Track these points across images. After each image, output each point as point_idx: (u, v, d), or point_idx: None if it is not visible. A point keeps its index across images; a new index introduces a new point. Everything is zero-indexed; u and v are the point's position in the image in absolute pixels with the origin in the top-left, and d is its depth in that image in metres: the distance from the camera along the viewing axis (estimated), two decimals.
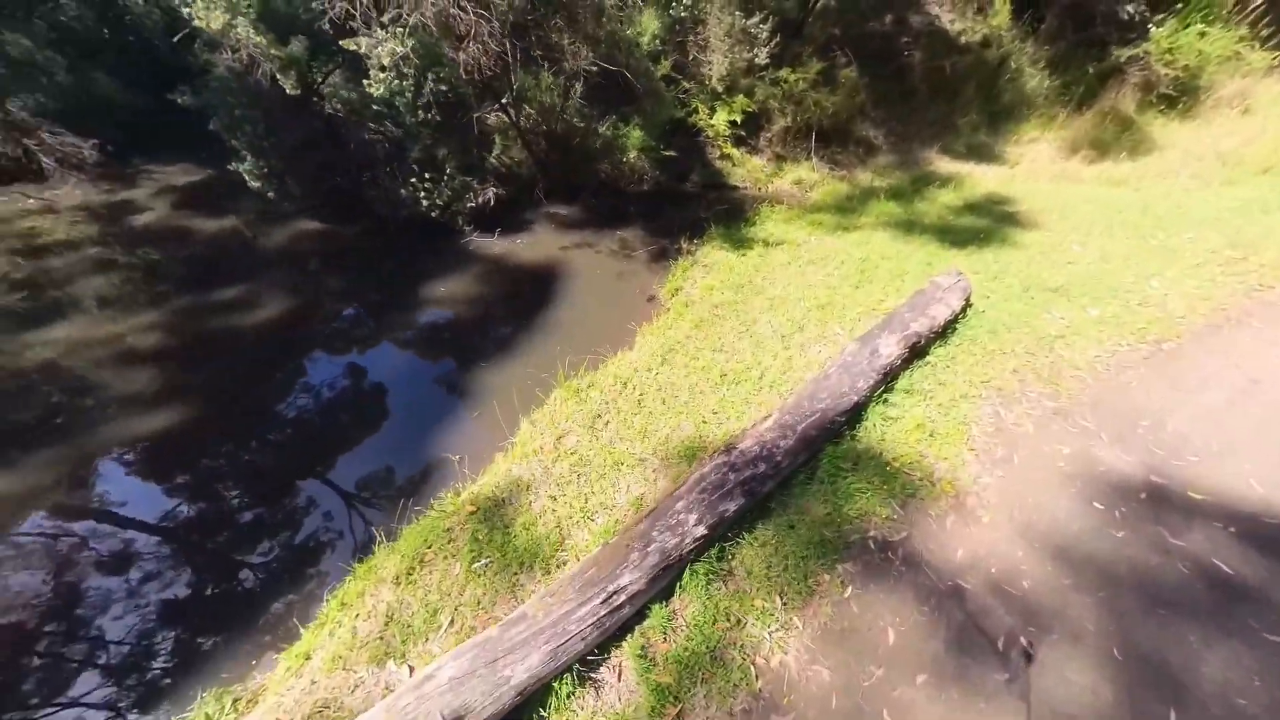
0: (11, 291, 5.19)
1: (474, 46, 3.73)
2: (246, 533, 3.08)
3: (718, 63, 5.77)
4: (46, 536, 3.11)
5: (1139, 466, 2.65)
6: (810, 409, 2.57)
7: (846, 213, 5.89)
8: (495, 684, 1.62)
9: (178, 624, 2.63)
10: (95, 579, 2.84)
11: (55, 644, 2.59)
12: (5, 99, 6.51)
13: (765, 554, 2.26)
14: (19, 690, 2.37)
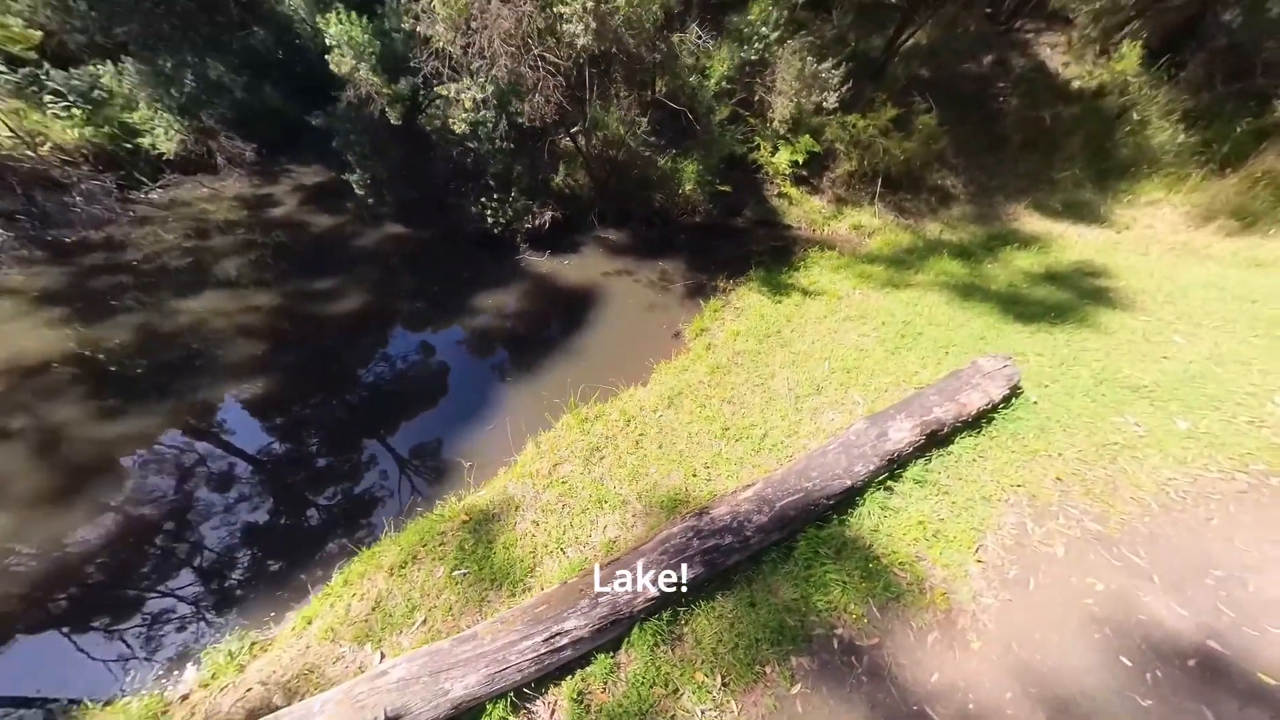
0: (182, 258, 6.56)
1: (539, 97, 4.16)
2: (313, 480, 3.66)
3: (782, 104, 5.75)
4: (178, 450, 3.94)
5: (1196, 626, 2.23)
6: (795, 486, 2.50)
7: (902, 267, 5.54)
8: (435, 694, 1.81)
9: (252, 546, 3.21)
10: (204, 490, 3.57)
11: (166, 538, 3.27)
12: (200, 110, 8.26)
13: (719, 627, 2.24)
14: (135, 568, 3.04)
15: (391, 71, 4.81)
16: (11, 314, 5.33)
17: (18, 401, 4.16)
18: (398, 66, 4.80)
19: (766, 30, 5.80)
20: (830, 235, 6.72)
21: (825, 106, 5.80)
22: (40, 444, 3.80)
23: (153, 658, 2.63)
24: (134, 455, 3.79)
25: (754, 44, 5.90)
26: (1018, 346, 3.95)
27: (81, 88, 7.34)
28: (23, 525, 3.23)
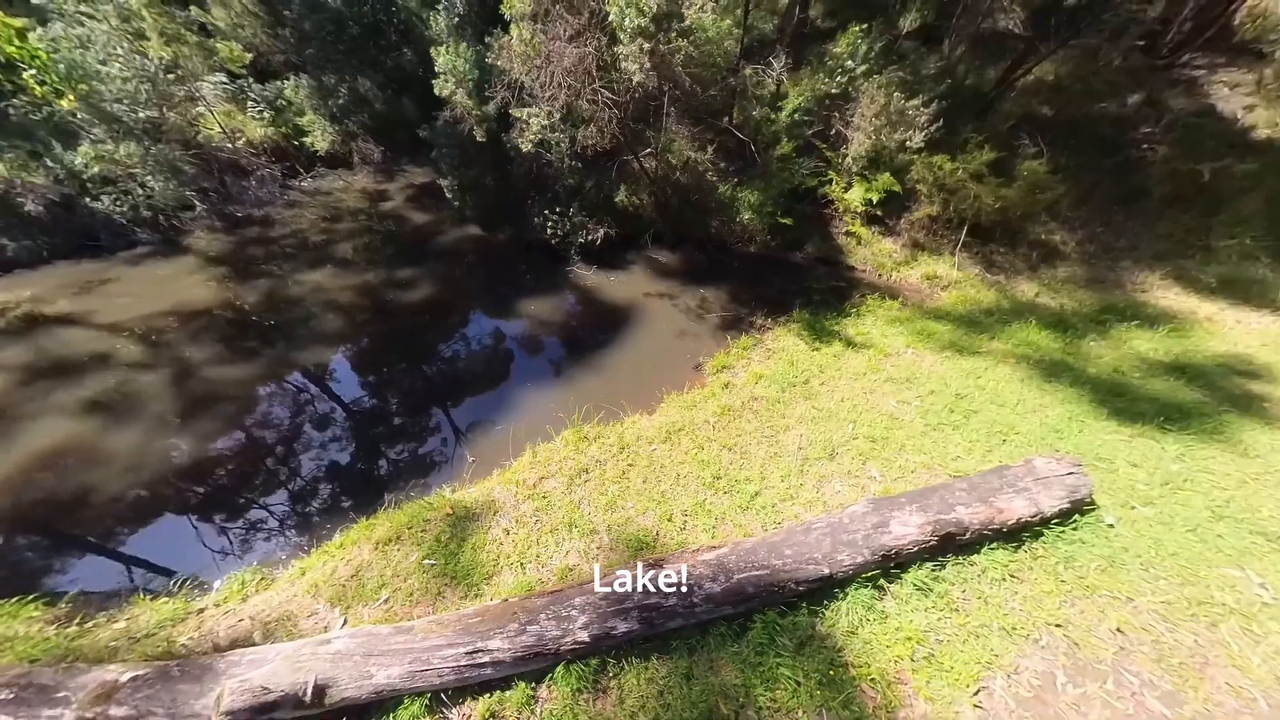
0: (316, 236, 7.95)
1: (593, 127, 4.40)
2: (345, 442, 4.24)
3: (859, 140, 5.38)
4: (295, 388, 4.88)
5: None
6: (762, 560, 2.30)
7: (974, 329, 4.84)
8: (360, 675, 1.96)
9: (329, 480, 3.85)
10: (309, 426, 4.40)
11: (273, 459, 4.01)
12: (347, 118, 9.99)
13: (647, 691, 2.12)
14: (250, 481, 3.80)
15: (482, 95, 5.43)
16: (189, 269, 6.86)
17: (179, 336, 5.35)
18: (487, 92, 5.42)
19: (853, 64, 5.51)
20: (897, 283, 6.09)
21: (909, 145, 5.31)
22: (183, 371, 4.84)
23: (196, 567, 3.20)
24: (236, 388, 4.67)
25: (837, 77, 5.63)
26: (1105, 451, 3.23)
27: (270, 97, 9.32)
28: (151, 430, 4.13)
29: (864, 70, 5.46)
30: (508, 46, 4.33)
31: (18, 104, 6.84)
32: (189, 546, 3.40)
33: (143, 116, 7.60)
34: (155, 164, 7.48)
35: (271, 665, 1.94)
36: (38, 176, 6.92)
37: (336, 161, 10.82)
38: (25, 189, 6.70)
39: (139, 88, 7.48)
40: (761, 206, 6.58)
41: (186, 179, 7.85)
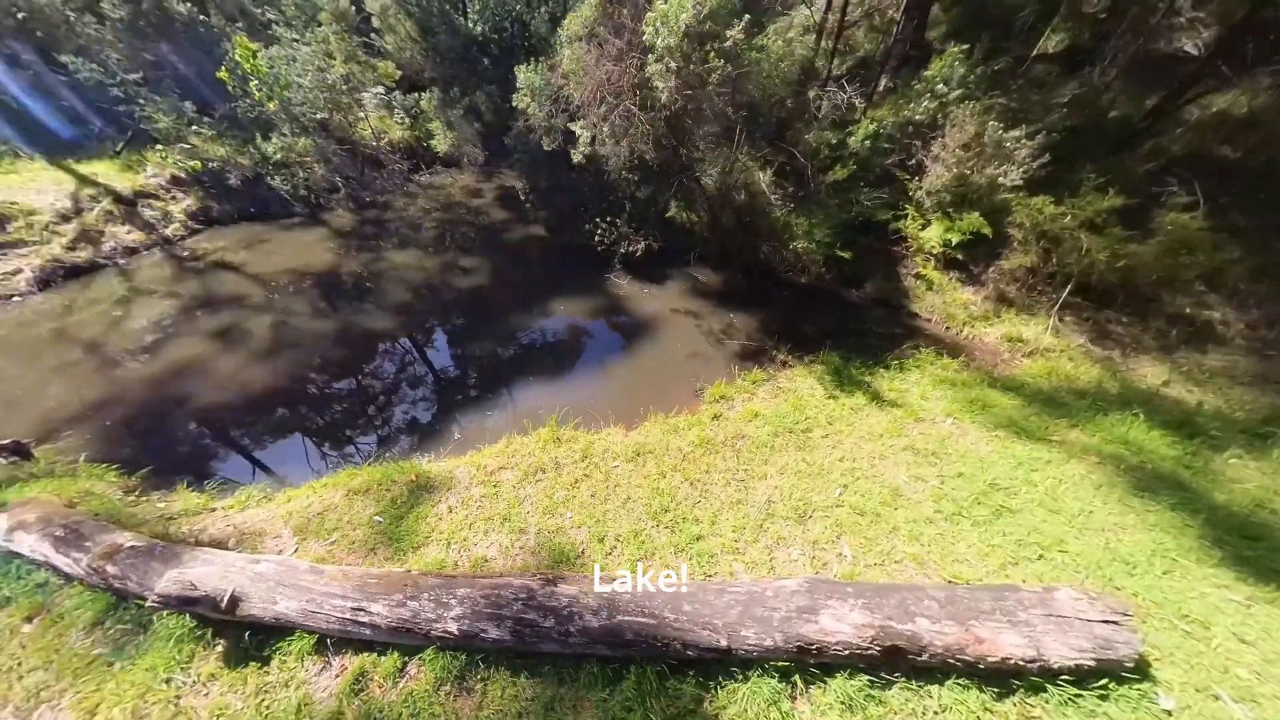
0: (423, 221, 9.31)
1: (625, 143, 4.48)
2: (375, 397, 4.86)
3: (936, 173, 4.69)
4: (399, 348, 5.75)
5: None
6: (654, 609, 2.09)
7: (1052, 410, 3.88)
8: (268, 598, 2.21)
9: (348, 424, 4.50)
10: (351, 374, 5.21)
11: (317, 396, 4.83)
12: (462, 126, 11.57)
13: (507, 708, 2.05)
14: (293, 410, 4.60)
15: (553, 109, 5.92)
16: (321, 238, 8.46)
17: (297, 288, 6.64)
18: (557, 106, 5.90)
19: (946, 88, 4.86)
20: (967, 340, 5.14)
21: (1003, 182, 4.49)
22: (286, 316, 5.99)
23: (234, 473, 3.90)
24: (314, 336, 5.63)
25: (924, 102, 5.01)
26: (1200, 610, 2.35)
27: (409, 105, 11.21)
28: (247, 358, 5.17)
29: (957, 95, 4.76)
30: (559, 65, 4.68)
31: (242, 106, 9.19)
32: (235, 454, 4.17)
33: (318, 118, 9.67)
34: (319, 155, 9.44)
35: (210, 569, 2.29)
36: (244, 159, 9.15)
37: (451, 162, 12.55)
38: (233, 167, 8.90)
39: (319, 96, 9.51)
40: (815, 234, 6.09)
41: (337, 168, 9.77)
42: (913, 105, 5.11)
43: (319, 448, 4.29)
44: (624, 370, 4.97)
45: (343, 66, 10.16)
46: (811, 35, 6.30)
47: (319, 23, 9.95)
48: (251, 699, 2.09)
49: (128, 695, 2.09)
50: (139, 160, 8.64)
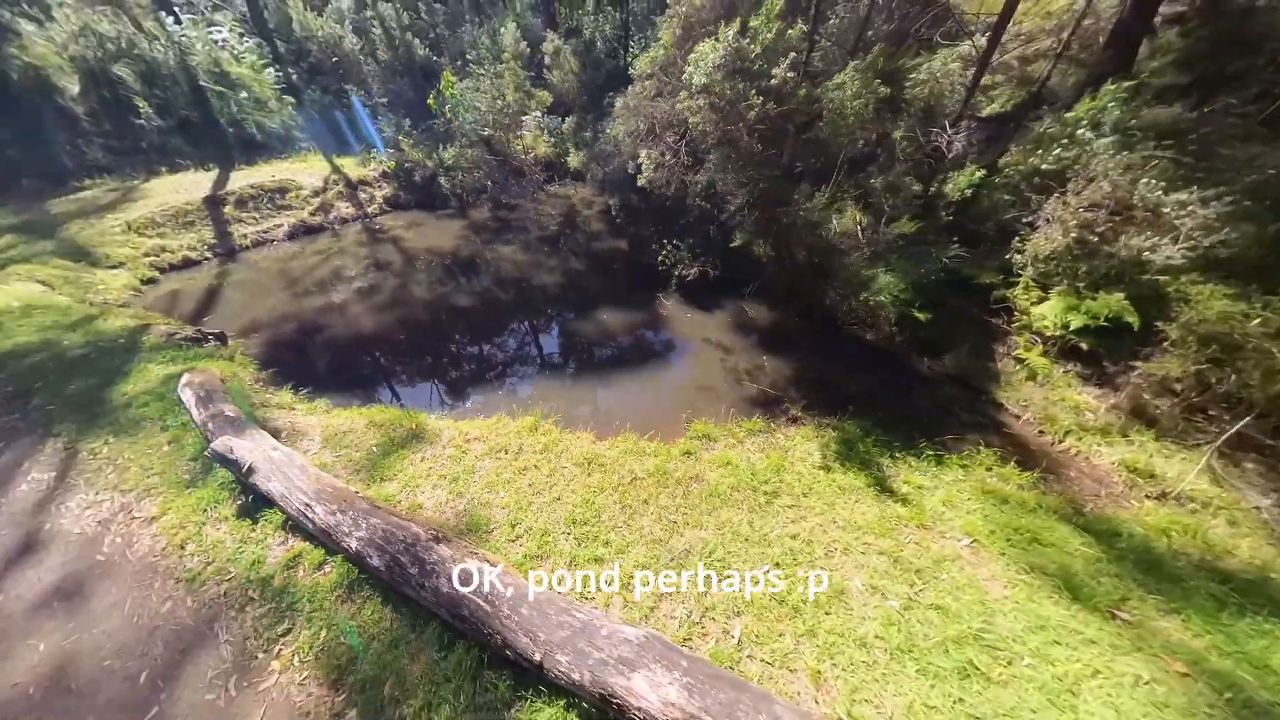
0: (544, 223, 10.91)
1: (663, 172, 4.54)
2: (444, 360, 5.92)
3: (1049, 235, 3.68)
4: (471, 320, 6.98)
5: None
6: (493, 598, 2.21)
7: (1147, 579, 2.74)
8: (266, 477, 2.96)
9: (409, 368, 5.67)
10: (462, 346, 6.40)
11: (401, 342, 6.20)
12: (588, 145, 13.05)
13: (370, 629, 2.39)
14: (381, 349, 6.00)
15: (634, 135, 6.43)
16: (459, 228, 10.50)
17: (425, 261, 8.44)
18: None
19: (1090, 133, 3.85)
20: (1063, 454, 3.87)
21: (1152, 259, 3.33)
22: (407, 281, 7.68)
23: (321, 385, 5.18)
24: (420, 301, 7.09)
25: (1056, 149, 4.03)
26: None
27: (552, 126, 13.20)
28: (369, 309, 6.79)
29: (1108, 144, 3.68)
30: (627, 98, 5.07)
31: (438, 123, 12.01)
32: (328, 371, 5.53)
33: (484, 134, 12.06)
34: (478, 163, 11.76)
35: (250, 444, 3.18)
36: (429, 162, 11.94)
37: (579, 177, 14.25)
38: (419, 168, 11.67)
39: (490, 117, 11.87)
40: (890, 287, 5.30)
41: (488, 174, 12.02)
42: (1041, 151, 4.12)
43: (382, 381, 5.42)
44: (628, 384, 5.09)
45: (512, 95, 12.49)
46: (956, 66, 5.57)
47: (502, 60, 12.40)
48: (236, 543, 2.86)
49: (182, 510, 3.05)
50: (368, 159, 11.97)
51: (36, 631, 2.44)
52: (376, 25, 13.49)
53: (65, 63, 10.43)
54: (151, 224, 8.49)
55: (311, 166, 11.64)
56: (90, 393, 4.11)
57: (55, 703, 2.16)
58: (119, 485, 3.26)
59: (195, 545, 2.85)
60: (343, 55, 13.25)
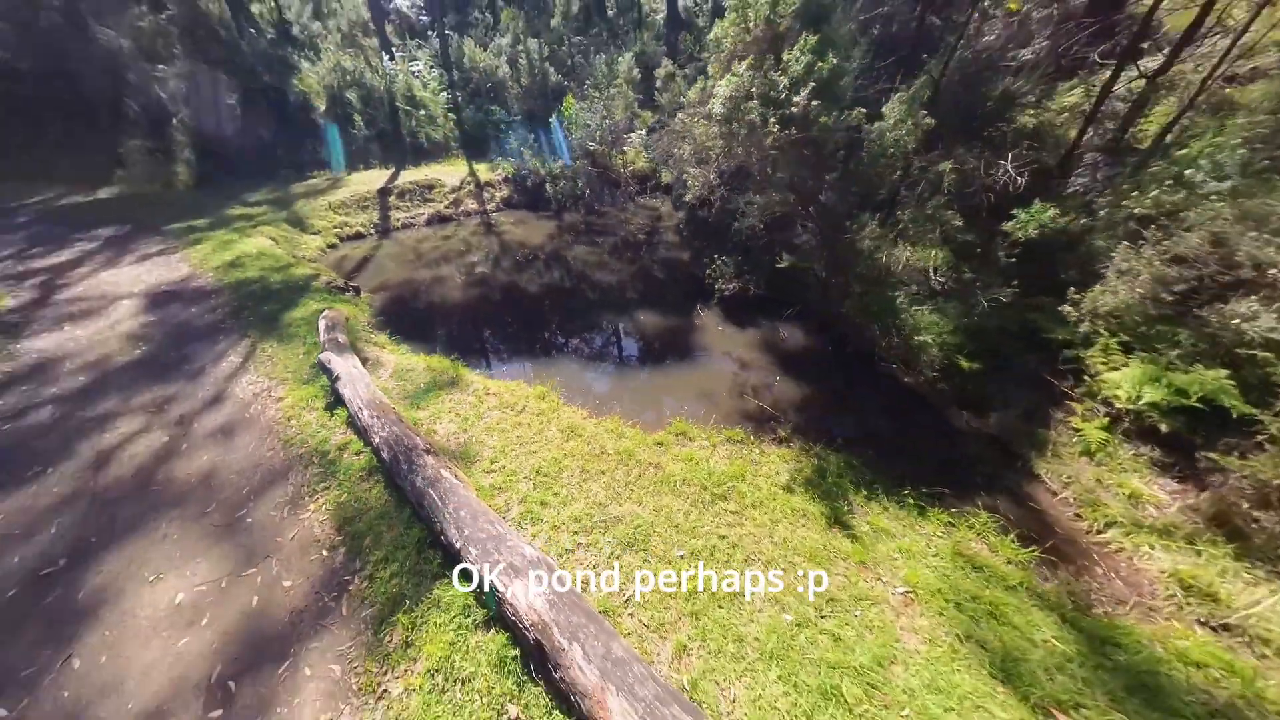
0: (625, 230, 12.02)
1: (705, 191, 4.77)
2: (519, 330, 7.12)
3: (1114, 288, 3.12)
4: (564, 312, 8.24)
5: None
6: (447, 498, 2.88)
7: (1145, 700, 2.29)
8: (345, 384, 4.12)
9: (476, 336, 7.02)
10: (524, 320, 7.77)
11: (498, 322, 7.67)
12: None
13: (373, 500, 3.28)
14: (462, 312, 7.51)
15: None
16: (551, 227, 12.02)
17: (520, 255, 10.00)
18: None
19: (1200, 175, 3.22)
20: (1096, 548, 3.20)
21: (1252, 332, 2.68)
22: (499, 269, 9.21)
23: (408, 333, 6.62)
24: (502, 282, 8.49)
25: (1155, 191, 3.42)
26: None
27: (651, 144, 14.24)
28: (467, 286, 8.36)
29: (1225, 190, 2.99)
30: (673, 123, 5.47)
31: (554, 138, 13.89)
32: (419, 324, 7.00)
33: (590, 148, 13.59)
34: (580, 173, 13.31)
35: (343, 363, 4.42)
36: (541, 170, 13.87)
37: (667, 190, 15.08)
38: (531, 175, 13.63)
39: (598, 133, 13.36)
40: (940, 333, 4.88)
41: (587, 183, 13.50)
42: (1137, 194, 3.48)
43: (448, 337, 6.71)
44: (636, 377, 5.53)
45: (620, 114, 13.85)
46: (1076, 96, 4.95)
47: (614, 85, 13.82)
48: (317, 426, 4.04)
49: (297, 397, 4.38)
50: (496, 165, 14.37)
51: (206, 449, 3.84)
52: (523, 57, 16.09)
53: (320, 89, 14.65)
54: (343, 206, 11.51)
55: (456, 169, 14.39)
56: (273, 314, 5.99)
57: (201, 492, 3.43)
58: (270, 373, 4.80)
59: (296, 421, 4.12)
60: (496, 82, 16.12)
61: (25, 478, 3.51)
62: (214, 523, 3.18)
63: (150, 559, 2.93)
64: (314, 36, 15.88)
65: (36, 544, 3.02)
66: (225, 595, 2.72)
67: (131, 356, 5.08)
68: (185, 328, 5.68)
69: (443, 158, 15.60)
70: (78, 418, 4.14)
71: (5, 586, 2.75)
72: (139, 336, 5.45)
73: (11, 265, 7.23)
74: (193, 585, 2.77)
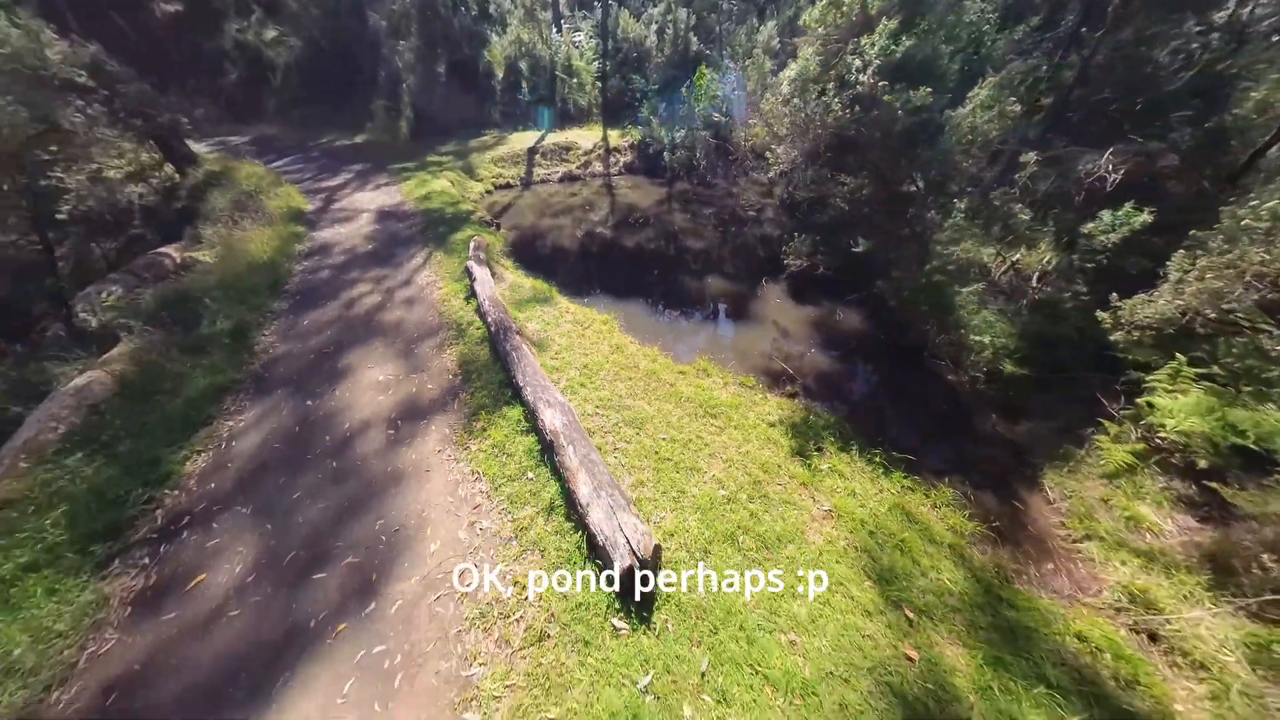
0: (722, 204, 12.63)
1: (785, 165, 5.09)
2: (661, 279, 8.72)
3: (1162, 292, 2.93)
4: (645, 263, 10.00)
5: None
6: (529, 374, 4.39)
7: (1012, 647, 2.73)
8: (480, 287, 5.97)
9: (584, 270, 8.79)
10: (626, 274, 9.46)
11: (597, 264, 9.45)
12: None
13: (477, 357, 5.03)
14: (585, 261, 9.35)
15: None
16: (660, 194, 13.09)
17: (626, 214, 11.41)
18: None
19: None
20: (1059, 548, 3.26)
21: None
22: (604, 226, 10.74)
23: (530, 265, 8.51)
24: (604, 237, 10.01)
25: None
26: None
27: None
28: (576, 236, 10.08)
29: None
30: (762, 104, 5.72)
31: (682, 108, 14.58)
32: (539, 257, 8.86)
33: (715, 118, 13.99)
34: (698, 144, 13.90)
35: (479, 270, 6.30)
36: (665, 139, 14.79)
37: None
38: (654, 143, 14.65)
39: (724, 106, 13.66)
40: (996, 334, 4.78)
41: (704, 155, 14.04)
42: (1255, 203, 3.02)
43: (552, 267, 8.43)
44: (685, 324, 6.46)
45: (754, 85, 13.82)
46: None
47: (751, 56, 13.73)
48: (458, 308, 5.97)
49: (449, 289, 6.43)
50: (626, 131, 15.71)
51: (398, 309, 6.07)
52: (671, 26, 16.75)
53: (501, 59, 17.56)
54: (501, 160, 14.18)
55: (592, 134, 16.18)
56: (443, 234, 8.36)
57: (394, 330, 5.58)
58: (437, 271, 7.01)
59: (446, 304, 6.14)
60: (642, 51, 17.20)
61: (317, 305, 6.11)
62: (398, 349, 5.26)
63: (368, 358, 5.09)
64: (504, 13, 18.79)
65: (322, 338, 5.43)
66: (401, 384, 4.69)
67: (367, 249, 7.82)
68: (395, 235, 8.36)
69: (584, 123, 17.54)
70: (339, 279, 6.80)
71: (308, 358, 5.13)
72: (371, 237, 8.26)
73: (310, 184, 11.08)
74: (386, 374, 4.81)
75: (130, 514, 3.24)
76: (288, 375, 4.80)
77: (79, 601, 2.71)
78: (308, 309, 6.03)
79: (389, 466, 3.72)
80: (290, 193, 9.64)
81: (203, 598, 2.80)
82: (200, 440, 3.93)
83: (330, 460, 3.77)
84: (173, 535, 3.15)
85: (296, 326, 5.65)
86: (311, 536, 3.15)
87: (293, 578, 2.90)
